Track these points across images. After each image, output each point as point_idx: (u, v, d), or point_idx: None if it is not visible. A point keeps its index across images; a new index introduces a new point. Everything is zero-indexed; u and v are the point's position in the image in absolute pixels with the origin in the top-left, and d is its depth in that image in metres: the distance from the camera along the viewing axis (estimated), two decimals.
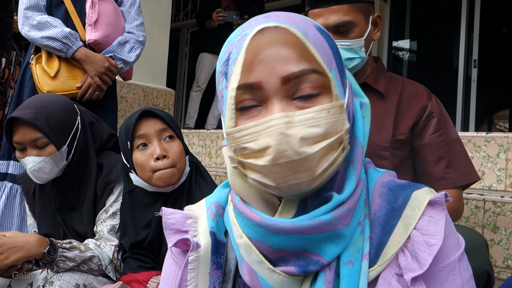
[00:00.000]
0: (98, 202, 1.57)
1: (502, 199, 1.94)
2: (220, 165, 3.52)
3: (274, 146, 0.57)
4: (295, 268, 0.62)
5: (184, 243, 0.72)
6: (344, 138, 0.60)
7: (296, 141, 0.56)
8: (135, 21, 2.27)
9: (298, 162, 0.57)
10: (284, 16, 0.63)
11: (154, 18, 3.99)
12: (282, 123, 0.57)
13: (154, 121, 1.41)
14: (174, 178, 1.39)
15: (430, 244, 0.61)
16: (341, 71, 0.65)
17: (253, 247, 0.64)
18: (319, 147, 0.57)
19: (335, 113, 0.59)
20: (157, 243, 1.45)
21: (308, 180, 0.59)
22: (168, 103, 4.09)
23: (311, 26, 0.63)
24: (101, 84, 2.08)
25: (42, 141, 1.47)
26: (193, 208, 0.78)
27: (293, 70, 0.59)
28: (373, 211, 0.66)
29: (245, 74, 0.61)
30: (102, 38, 2.09)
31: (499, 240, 1.93)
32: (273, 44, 0.60)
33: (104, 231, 1.52)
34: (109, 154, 1.66)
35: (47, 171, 1.50)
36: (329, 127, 0.58)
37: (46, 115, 1.47)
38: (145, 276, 1.38)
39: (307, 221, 0.60)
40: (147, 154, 1.39)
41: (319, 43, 0.62)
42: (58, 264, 1.37)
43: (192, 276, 0.71)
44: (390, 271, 0.62)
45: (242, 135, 0.60)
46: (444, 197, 0.63)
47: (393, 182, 0.68)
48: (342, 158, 0.61)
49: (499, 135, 2.35)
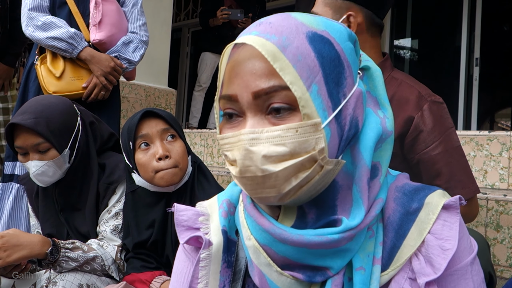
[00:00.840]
0: (101, 202, 1.57)
1: (505, 198, 1.94)
2: (222, 165, 3.52)
3: (239, 161, 0.58)
4: (302, 275, 0.62)
5: (196, 240, 0.73)
6: (319, 158, 0.57)
7: (258, 158, 0.57)
8: (138, 21, 2.27)
9: (262, 179, 0.57)
10: (272, 24, 0.61)
11: (155, 18, 3.99)
12: (247, 139, 0.58)
13: (156, 121, 1.41)
14: (176, 178, 1.39)
15: (444, 248, 0.60)
16: (333, 82, 0.60)
17: (261, 250, 0.64)
18: (283, 166, 0.56)
19: (305, 132, 0.57)
20: (161, 243, 1.45)
21: (277, 195, 0.59)
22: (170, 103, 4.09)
23: (300, 35, 0.60)
24: (107, 84, 2.08)
25: (43, 146, 1.47)
26: (205, 205, 0.78)
27: (263, 86, 0.58)
28: (387, 215, 0.65)
29: (226, 85, 0.62)
30: (107, 38, 2.09)
31: (502, 239, 1.93)
32: (249, 58, 0.60)
33: (107, 231, 1.52)
34: (111, 154, 1.66)
35: (50, 174, 1.50)
36: (297, 146, 0.57)
37: (46, 119, 1.46)
38: (148, 276, 1.38)
39: (314, 236, 0.60)
40: (149, 154, 1.39)
41: (300, 54, 0.58)
42: (61, 264, 1.37)
43: (203, 273, 0.71)
44: (403, 275, 0.62)
45: (224, 143, 0.62)
46: (458, 200, 0.63)
47: (407, 185, 0.68)
48: (320, 176, 0.59)
49: (501, 133, 2.34)
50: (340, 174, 0.63)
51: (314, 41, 0.60)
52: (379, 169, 0.66)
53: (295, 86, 0.57)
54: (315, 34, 0.61)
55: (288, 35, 0.59)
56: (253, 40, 0.59)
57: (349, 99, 0.62)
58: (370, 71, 0.69)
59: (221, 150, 0.64)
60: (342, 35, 0.64)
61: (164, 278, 1.37)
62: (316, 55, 0.59)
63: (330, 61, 0.60)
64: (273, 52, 0.58)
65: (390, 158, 0.68)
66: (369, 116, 0.66)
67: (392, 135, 0.68)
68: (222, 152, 0.64)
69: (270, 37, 0.59)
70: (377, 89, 0.70)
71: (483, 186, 2.40)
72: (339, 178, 0.63)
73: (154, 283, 1.35)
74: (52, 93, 1.99)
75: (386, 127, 0.67)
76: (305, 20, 0.62)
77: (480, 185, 2.41)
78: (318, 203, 0.63)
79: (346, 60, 0.62)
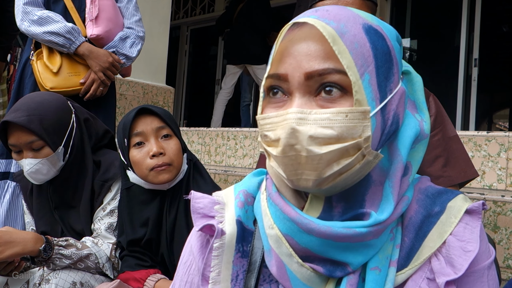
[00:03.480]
0: (96, 199, 1.56)
1: (502, 199, 1.94)
2: (219, 163, 3.52)
3: (284, 139, 0.57)
4: (323, 269, 0.62)
5: (210, 228, 0.73)
6: (363, 146, 0.57)
7: (304, 138, 0.56)
8: (134, 17, 2.25)
9: (305, 159, 0.57)
10: (329, 12, 0.62)
11: (154, 15, 3.98)
12: (295, 119, 0.57)
13: (151, 118, 1.40)
14: (170, 176, 1.38)
15: (466, 250, 0.61)
16: (383, 75, 0.61)
17: (284, 239, 0.64)
18: (328, 149, 0.56)
19: (354, 118, 0.57)
20: (155, 242, 1.44)
21: (317, 180, 0.58)
22: (168, 101, 4.07)
23: (356, 25, 0.61)
24: (105, 79, 2.06)
25: (37, 144, 1.45)
26: (222, 194, 0.78)
27: (317, 68, 0.58)
28: (408, 216, 0.66)
29: (277, 64, 0.62)
30: (104, 33, 2.07)
31: (499, 240, 1.93)
32: (305, 39, 0.60)
33: (102, 229, 1.51)
34: (106, 152, 1.65)
35: (45, 172, 1.49)
36: (344, 131, 0.57)
37: (39, 116, 1.44)
38: (143, 274, 1.37)
39: (342, 229, 0.60)
40: (143, 152, 1.38)
41: (357, 42, 0.59)
42: (55, 262, 1.36)
43: (215, 263, 0.71)
44: (421, 275, 0.63)
45: (265, 123, 0.62)
46: (481, 205, 0.64)
47: (430, 188, 0.68)
48: (361, 166, 0.59)
49: (500, 134, 2.34)
50: (375, 169, 0.63)
51: (370, 33, 0.61)
52: (410, 168, 0.67)
53: (351, 71, 0.58)
54: (371, 27, 0.62)
55: (346, 23, 0.60)
56: (314, 21, 0.60)
57: (394, 95, 0.63)
58: (411, 75, 0.71)
59: (260, 131, 0.63)
60: (392, 34, 0.65)
61: (159, 276, 1.36)
62: (371, 46, 0.60)
63: (383, 55, 0.62)
64: (333, 35, 0.59)
65: (421, 160, 0.69)
66: (408, 117, 0.67)
67: (427, 138, 0.69)
68: (261, 132, 0.63)
69: (329, 22, 0.60)
70: (416, 93, 0.71)
71: (480, 186, 2.40)
72: (373, 173, 0.63)
73: (148, 281, 1.34)
74: (49, 89, 1.97)
75: (423, 129, 0.68)
76: (361, 13, 0.63)
77: (478, 185, 2.40)
78: (347, 197, 0.63)
79: (395, 57, 0.64)
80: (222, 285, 0.70)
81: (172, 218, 1.41)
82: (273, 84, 0.62)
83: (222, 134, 3.53)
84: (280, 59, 0.61)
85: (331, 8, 0.63)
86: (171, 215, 1.42)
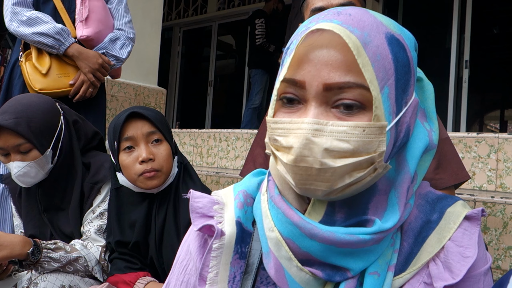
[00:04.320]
0: (85, 202, 1.55)
1: (492, 200, 1.94)
2: (211, 165, 3.51)
3: (297, 149, 0.56)
4: (322, 273, 0.62)
5: (209, 228, 0.72)
6: (377, 160, 0.57)
7: (319, 150, 0.55)
8: (124, 18, 2.24)
9: (317, 171, 0.56)
10: (353, 17, 0.59)
11: (145, 16, 3.96)
12: (311, 129, 0.56)
13: (142, 123, 1.39)
14: (159, 182, 1.37)
15: (465, 256, 0.61)
16: (401, 88, 0.60)
17: (283, 243, 0.63)
18: (343, 162, 0.56)
19: (371, 133, 0.56)
20: (143, 245, 1.43)
21: (326, 190, 0.58)
22: (159, 102, 4.06)
23: (380, 34, 0.58)
24: (94, 80, 2.05)
25: (25, 147, 1.43)
26: (221, 194, 0.77)
27: (337, 80, 0.56)
28: (408, 221, 0.66)
29: (293, 69, 0.59)
30: (94, 35, 2.06)
31: (489, 241, 1.93)
32: (327, 47, 0.57)
33: (91, 232, 1.50)
34: (96, 154, 1.63)
35: (33, 175, 1.47)
36: (361, 146, 0.56)
37: (27, 119, 1.42)
38: (132, 277, 1.36)
39: (345, 235, 0.59)
40: (133, 156, 1.37)
41: (379, 54, 0.57)
42: (43, 265, 1.35)
43: (214, 263, 0.70)
44: (418, 279, 0.62)
45: (277, 127, 0.60)
46: (480, 212, 0.64)
47: (430, 194, 0.68)
48: (371, 178, 0.59)
49: (489, 135, 2.35)
50: (382, 179, 0.62)
51: (392, 44, 0.59)
52: (415, 177, 0.66)
53: (372, 86, 0.56)
54: (393, 37, 0.60)
55: (370, 32, 0.58)
56: (339, 29, 0.57)
57: (409, 107, 0.62)
58: (422, 83, 0.70)
59: (269, 134, 0.62)
60: (411, 43, 0.63)
61: (148, 279, 1.36)
62: (393, 58, 0.59)
63: (403, 67, 0.60)
64: (357, 46, 0.56)
65: (427, 169, 0.69)
66: (418, 126, 0.66)
67: (435, 148, 0.68)
68: (270, 136, 0.62)
69: (353, 30, 0.57)
70: (426, 101, 0.70)
71: (471, 187, 2.41)
72: (379, 182, 0.63)
73: (138, 284, 1.33)
74: (38, 90, 1.95)
75: (432, 140, 0.67)
76: (383, 20, 0.61)
77: (468, 187, 2.41)
78: (350, 203, 0.63)
79: (413, 69, 0.63)
80: (219, 286, 0.69)
81: (161, 221, 1.41)
82: (288, 89, 0.60)
83: (214, 136, 3.52)
84: (298, 64, 0.59)
85: (353, 12, 0.60)
86: (160, 218, 1.41)
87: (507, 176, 2.27)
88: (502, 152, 2.29)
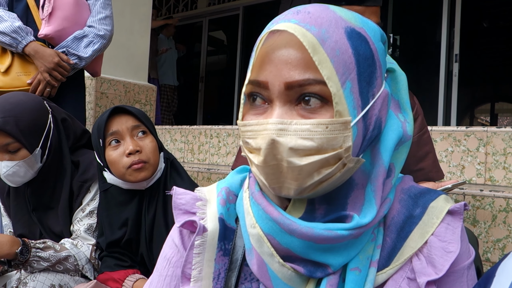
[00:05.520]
0: (75, 200, 1.54)
1: (481, 193, 1.96)
2: (202, 161, 3.50)
3: (264, 150, 0.57)
4: (303, 269, 0.62)
5: (191, 225, 0.72)
6: (344, 156, 0.57)
7: (285, 150, 0.56)
8: (98, 15, 2.19)
9: (286, 170, 0.57)
10: (311, 14, 0.59)
11: (134, 13, 3.93)
12: (275, 129, 0.56)
13: (126, 117, 1.39)
14: (148, 174, 1.37)
15: (448, 250, 0.61)
16: (365, 81, 0.60)
17: (265, 239, 0.63)
18: (309, 160, 0.56)
19: (335, 129, 0.56)
20: (135, 242, 1.43)
21: (298, 189, 0.58)
22: (150, 99, 4.04)
23: (339, 29, 0.58)
24: (50, 80, 2.02)
25: (13, 146, 1.42)
26: (204, 191, 0.77)
27: (297, 78, 0.57)
28: (391, 216, 0.66)
29: (257, 71, 0.60)
30: (54, 33, 2.03)
31: (478, 234, 1.95)
32: (285, 46, 0.58)
33: (81, 230, 1.49)
34: (85, 152, 1.63)
35: (22, 174, 1.47)
36: (325, 142, 0.56)
37: (15, 118, 1.41)
38: (121, 274, 1.36)
39: (323, 230, 0.59)
40: (119, 151, 1.37)
41: (338, 49, 0.57)
42: (32, 265, 1.34)
43: (197, 260, 0.70)
44: (402, 274, 0.63)
45: (246, 130, 0.61)
46: (463, 206, 0.64)
47: (413, 188, 0.68)
48: (341, 174, 0.59)
49: (478, 129, 2.36)
50: (358, 173, 0.63)
51: (352, 37, 0.59)
52: (393, 170, 0.66)
53: (331, 82, 0.56)
54: (353, 30, 0.60)
55: (328, 28, 0.58)
56: (294, 28, 0.58)
57: (377, 99, 0.62)
58: (395, 73, 0.69)
59: (241, 137, 0.63)
60: (376, 35, 0.63)
61: (138, 276, 1.36)
62: (353, 52, 0.58)
63: (365, 60, 0.60)
64: (313, 43, 0.56)
65: (404, 161, 0.68)
66: (391, 118, 0.66)
67: (411, 140, 0.68)
68: (242, 139, 0.62)
69: (310, 27, 0.58)
70: (400, 92, 0.70)
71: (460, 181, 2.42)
72: (356, 176, 0.63)
73: (127, 281, 1.34)
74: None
75: (406, 131, 0.67)
76: (344, 15, 0.61)
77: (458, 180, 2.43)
78: (329, 199, 0.63)
79: (379, 60, 0.62)
80: (204, 283, 0.69)
81: (150, 217, 1.41)
82: (253, 90, 0.61)
83: (205, 132, 3.51)
84: (260, 65, 0.60)
85: (313, 10, 0.60)
86: (150, 215, 1.41)
87: (495, 169, 2.29)
88: (491, 146, 2.30)
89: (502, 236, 1.90)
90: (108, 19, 2.24)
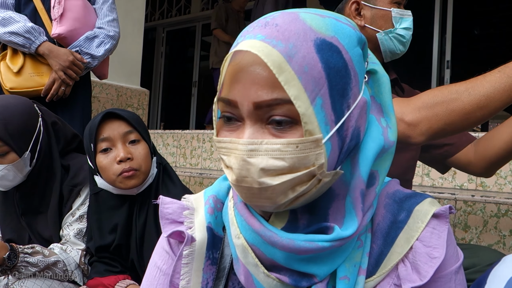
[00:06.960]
0: (64, 205, 1.52)
1: (472, 198, 1.97)
2: (194, 166, 3.49)
3: (236, 170, 0.56)
4: (289, 279, 0.61)
5: (179, 234, 0.71)
6: (317, 173, 0.56)
7: (256, 171, 0.55)
8: (106, 17, 2.24)
9: (258, 190, 0.56)
10: (279, 27, 0.57)
11: (127, 17, 3.93)
12: (246, 150, 0.56)
13: (118, 123, 1.37)
14: (138, 181, 1.35)
15: (432, 256, 0.60)
16: (338, 94, 0.58)
17: (250, 249, 0.63)
18: (281, 180, 0.55)
19: (305, 148, 0.55)
20: (125, 247, 1.41)
21: (273, 206, 0.58)
22: (143, 103, 4.03)
23: (307, 42, 0.56)
24: (65, 78, 2.03)
25: (2, 149, 1.41)
26: (191, 199, 0.76)
27: (265, 98, 0.55)
28: (376, 222, 0.65)
29: (227, 88, 0.59)
30: (67, 33, 2.05)
31: (470, 239, 1.96)
32: (252, 65, 0.56)
33: (71, 235, 1.47)
34: (75, 156, 1.61)
35: (11, 178, 1.45)
36: (296, 162, 0.55)
37: (4, 121, 1.40)
38: (111, 280, 1.34)
39: (304, 242, 0.58)
40: (110, 157, 1.35)
41: (307, 65, 0.55)
42: (20, 270, 1.32)
43: (185, 270, 0.70)
44: (389, 281, 0.62)
45: (220, 146, 0.60)
46: (448, 209, 0.63)
47: (398, 193, 0.67)
48: (318, 189, 0.58)
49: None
50: (338, 183, 0.62)
51: (322, 50, 0.57)
52: (376, 178, 0.65)
53: (299, 102, 0.54)
54: (324, 42, 0.57)
55: (295, 42, 0.56)
56: (258, 48, 0.55)
57: (353, 110, 0.59)
58: (377, 75, 0.66)
59: (217, 152, 0.63)
60: (351, 41, 0.60)
61: (128, 282, 1.34)
62: (323, 66, 0.56)
63: (337, 72, 0.57)
64: (279, 63, 0.54)
65: (389, 167, 0.66)
66: (371, 124, 0.64)
67: (394, 146, 0.66)
68: (218, 154, 0.62)
69: (276, 43, 0.55)
70: (382, 95, 0.66)
71: (451, 186, 2.43)
72: (336, 187, 0.62)
73: (117, 287, 1.32)
74: (8, 89, 1.97)
75: (388, 138, 0.65)
76: (314, 24, 0.58)
77: (449, 185, 2.44)
78: (311, 209, 0.62)
79: (354, 69, 0.59)
80: None
81: (141, 223, 1.39)
82: (225, 108, 0.60)
83: (197, 137, 3.50)
84: (230, 83, 0.58)
85: (281, 21, 0.58)
86: (141, 220, 1.39)
87: None
88: None
89: (494, 242, 1.91)
90: (115, 22, 2.29)
